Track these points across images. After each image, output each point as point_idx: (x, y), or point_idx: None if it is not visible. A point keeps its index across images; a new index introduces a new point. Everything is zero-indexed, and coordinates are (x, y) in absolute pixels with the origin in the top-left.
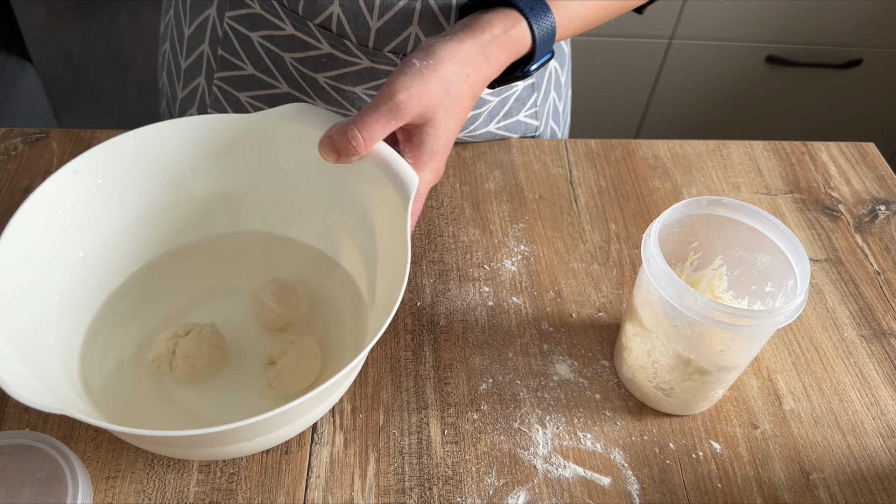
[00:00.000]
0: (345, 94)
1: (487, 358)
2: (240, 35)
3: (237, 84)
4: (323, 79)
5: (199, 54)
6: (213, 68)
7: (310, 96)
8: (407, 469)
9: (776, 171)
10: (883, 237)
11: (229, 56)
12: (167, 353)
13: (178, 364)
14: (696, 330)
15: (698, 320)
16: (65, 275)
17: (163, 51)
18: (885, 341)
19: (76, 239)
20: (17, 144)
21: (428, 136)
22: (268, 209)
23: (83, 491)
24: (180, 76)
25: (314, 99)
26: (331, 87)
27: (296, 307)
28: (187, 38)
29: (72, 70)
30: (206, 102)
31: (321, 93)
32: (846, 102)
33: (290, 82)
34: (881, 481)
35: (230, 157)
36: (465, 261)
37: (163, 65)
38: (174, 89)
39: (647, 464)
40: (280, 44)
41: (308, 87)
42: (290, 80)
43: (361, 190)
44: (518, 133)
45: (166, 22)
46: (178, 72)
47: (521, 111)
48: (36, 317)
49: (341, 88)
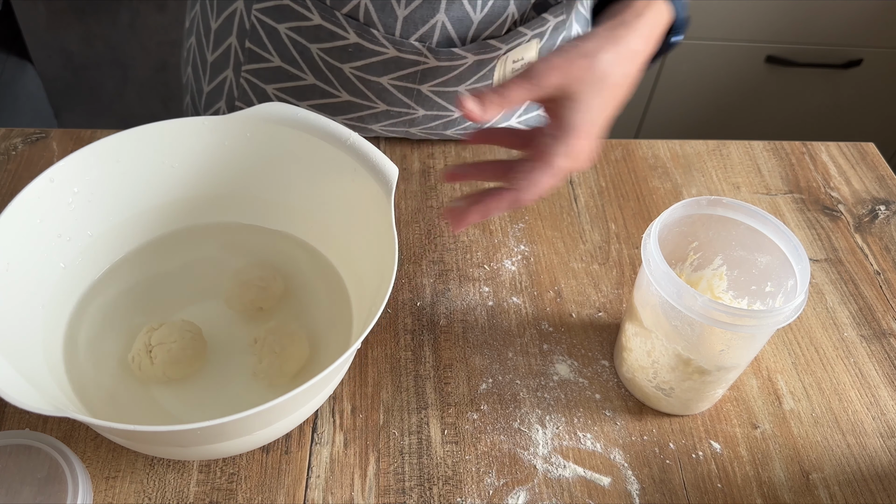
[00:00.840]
0: (370, 85)
1: (487, 358)
2: (267, 27)
3: (264, 76)
4: (349, 69)
5: (227, 47)
6: (240, 61)
7: (336, 88)
8: (407, 469)
9: (776, 171)
10: (883, 237)
11: (256, 48)
12: (144, 348)
13: (156, 354)
14: (696, 330)
15: (698, 320)
16: (47, 284)
17: (188, 45)
18: (885, 341)
19: (56, 248)
20: (17, 144)
21: (566, 110)
22: (251, 207)
23: (83, 491)
24: (206, 70)
25: (340, 90)
26: (356, 78)
27: (271, 284)
28: (214, 32)
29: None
30: (234, 95)
31: (346, 83)
32: (846, 102)
33: (317, 74)
34: (881, 481)
35: (208, 159)
36: (465, 261)
37: (188, 59)
38: (200, 83)
39: (647, 464)
40: (307, 35)
41: (334, 77)
42: (317, 71)
43: (343, 184)
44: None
45: (192, 16)
46: (205, 65)
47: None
48: (22, 326)
49: (367, 79)
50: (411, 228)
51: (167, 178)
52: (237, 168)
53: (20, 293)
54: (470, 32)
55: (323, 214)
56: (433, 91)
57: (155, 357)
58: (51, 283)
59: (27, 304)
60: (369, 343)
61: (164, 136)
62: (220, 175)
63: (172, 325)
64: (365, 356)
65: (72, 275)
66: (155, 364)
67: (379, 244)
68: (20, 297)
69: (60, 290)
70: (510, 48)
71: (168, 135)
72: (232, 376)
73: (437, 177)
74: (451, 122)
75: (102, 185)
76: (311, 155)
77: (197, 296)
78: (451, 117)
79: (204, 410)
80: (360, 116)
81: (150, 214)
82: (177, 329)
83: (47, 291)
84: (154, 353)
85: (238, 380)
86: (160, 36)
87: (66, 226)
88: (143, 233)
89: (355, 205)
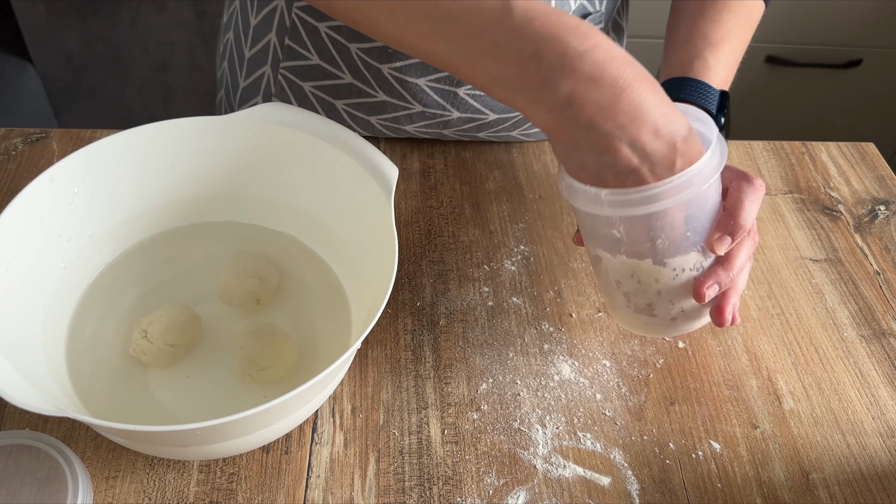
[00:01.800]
0: (407, 86)
1: (487, 358)
2: (307, 25)
3: (302, 74)
4: (387, 70)
5: (266, 44)
6: (279, 58)
7: (373, 87)
8: (407, 469)
9: (776, 171)
10: (882, 237)
11: (296, 46)
12: (140, 336)
13: (151, 333)
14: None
15: (612, 214)
16: (47, 284)
17: (225, 40)
18: (885, 341)
19: (56, 248)
20: (17, 144)
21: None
22: (251, 207)
23: (83, 491)
24: (244, 65)
25: (377, 91)
26: (394, 79)
27: (266, 275)
28: (253, 28)
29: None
30: (271, 91)
31: (384, 84)
32: (846, 102)
33: (355, 73)
34: (881, 481)
35: (208, 159)
36: (465, 261)
37: (224, 54)
38: (236, 78)
39: (646, 464)
40: (347, 34)
41: (372, 77)
42: (355, 70)
43: (343, 184)
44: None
45: (230, 11)
46: (242, 61)
47: None
48: (22, 327)
49: (404, 80)
50: (411, 228)
51: (167, 178)
52: (237, 168)
53: (20, 293)
54: None
55: (323, 214)
56: (470, 94)
57: (151, 336)
58: (51, 283)
59: (27, 304)
60: (369, 343)
61: (164, 136)
62: (219, 175)
63: (159, 309)
64: (365, 356)
65: (72, 275)
66: (154, 342)
67: (379, 244)
68: (20, 297)
69: (61, 290)
70: None
71: (168, 135)
72: (232, 376)
73: (436, 177)
74: (484, 125)
75: (102, 185)
76: (311, 155)
77: (197, 296)
78: (484, 120)
79: (204, 410)
80: (395, 117)
81: (150, 214)
82: (164, 309)
83: (47, 291)
84: (149, 334)
85: (238, 379)
86: (160, 36)
87: (66, 226)
88: (142, 233)
89: (355, 205)
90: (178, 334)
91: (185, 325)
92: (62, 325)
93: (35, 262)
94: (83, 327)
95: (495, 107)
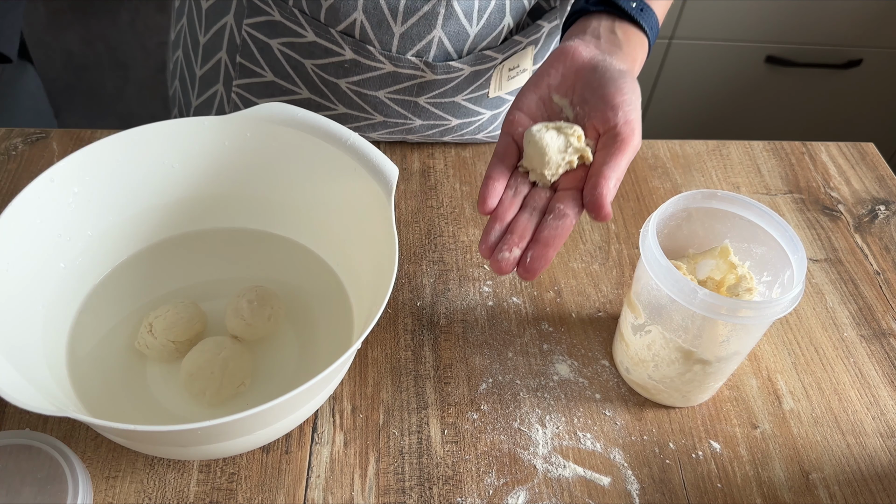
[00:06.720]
0: (367, 99)
1: (487, 358)
2: (259, 42)
3: (257, 91)
4: (345, 84)
5: (217, 62)
6: (231, 76)
7: (332, 101)
8: (407, 469)
9: (776, 171)
10: (882, 237)
11: (248, 63)
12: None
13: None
14: (697, 322)
15: (699, 313)
16: (47, 284)
17: (174, 58)
18: (885, 341)
19: (56, 248)
20: (17, 144)
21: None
22: (247, 208)
23: (83, 491)
24: (195, 84)
25: (336, 104)
26: (353, 93)
27: (268, 319)
28: (203, 46)
29: (72, 70)
30: (225, 109)
31: (343, 98)
32: (846, 102)
33: (311, 88)
34: (881, 481)
35: (208, 159)
36: (465, 261)
37: (174, 72)
38: (188, 97)
39: (646, 463)
40: (301, 51)
41: (330, 92)
42: (311, 85)
43: (343, 184)
44: None
45: (178, 29)
46: (193, 79)
47: None
48: (22, 327)
49: (364, 93)
50: (411, 228)
51: (167, 179)
52: (237, 168)
53: (20, 293)
54: (466, 45)
55: (323, 214)
56: (430, 102)
57: (155, 331)
58: (51, 283)
59: (27, 304)
60: (369, 343)
61: (164, 136)
62: (219, 175)
63: (167, 304)
64: (365, 356)
65: (72, 275)
66: (158, 336)
67: (379, 244)
68: (20, 297)
69: (61, 290)
70: (506, 57)
71: (168, 135)
72: None
73: (437, 177)
74: (448, 130)
75: (102, 185)
76: (311, 155)
77: (197, 296)
78: (447, 125)
79: (204, 410)
80: (357, 126)
81: (150, 214)
82: (171, 304)
83: (47, 291)
84: (154, 328)
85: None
86: (160, 36)
87: (66, 226)
88: (142, 233)
89: (355, 205)
90: (182, 331)
91: (190, 321)
92: (62, 325)
93: (35, 262)
94: (83, 327)
95: (458, 112)
